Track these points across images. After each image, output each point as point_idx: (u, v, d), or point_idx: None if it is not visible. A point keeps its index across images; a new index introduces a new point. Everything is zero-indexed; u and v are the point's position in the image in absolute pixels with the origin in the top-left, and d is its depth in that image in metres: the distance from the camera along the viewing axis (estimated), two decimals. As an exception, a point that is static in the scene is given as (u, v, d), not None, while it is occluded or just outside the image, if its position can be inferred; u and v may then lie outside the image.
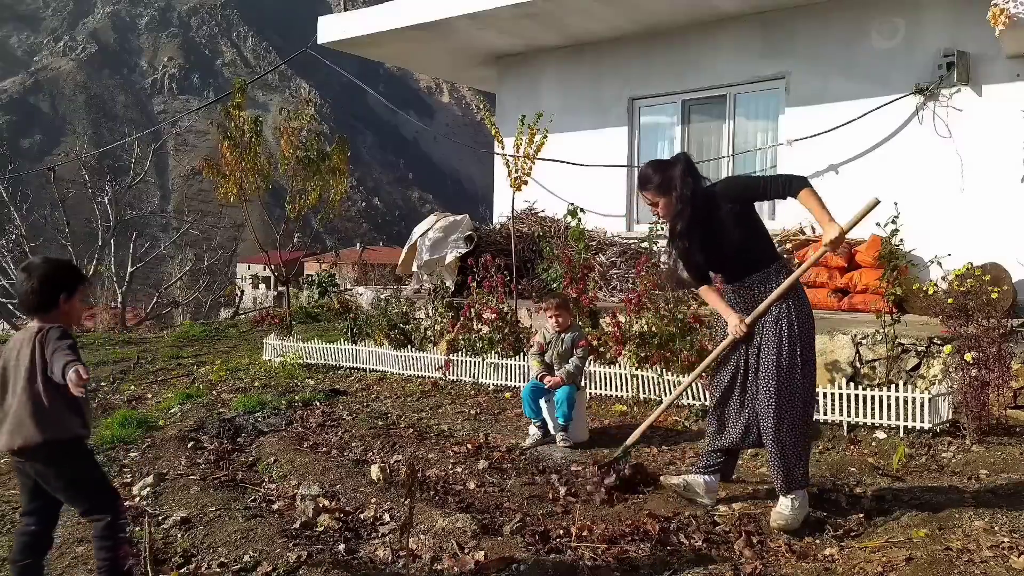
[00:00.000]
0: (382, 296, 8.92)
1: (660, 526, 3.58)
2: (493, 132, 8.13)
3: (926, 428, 4.84)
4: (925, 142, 7.52)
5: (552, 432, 5.10)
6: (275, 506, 4.07)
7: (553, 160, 8.84)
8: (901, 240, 5.89)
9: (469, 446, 4.99)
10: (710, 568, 3.22)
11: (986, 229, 7.04)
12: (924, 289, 5.86)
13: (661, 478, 4.09)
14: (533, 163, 7.42)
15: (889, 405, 4.97)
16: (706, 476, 3.91)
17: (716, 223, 3.66)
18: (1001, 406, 4.90)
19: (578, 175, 9.37)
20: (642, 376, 5.99)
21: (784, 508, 3.59)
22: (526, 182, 7.53)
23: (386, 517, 3.80)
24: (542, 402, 5.12)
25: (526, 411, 5.21)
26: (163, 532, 3.73)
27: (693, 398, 5.68)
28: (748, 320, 3.66)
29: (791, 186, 3.57)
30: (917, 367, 5.52)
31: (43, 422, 2.75)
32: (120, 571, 2.87)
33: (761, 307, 3.64)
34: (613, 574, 3.17)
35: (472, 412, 6.08)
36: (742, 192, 3.70)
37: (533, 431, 5.18)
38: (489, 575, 3.16)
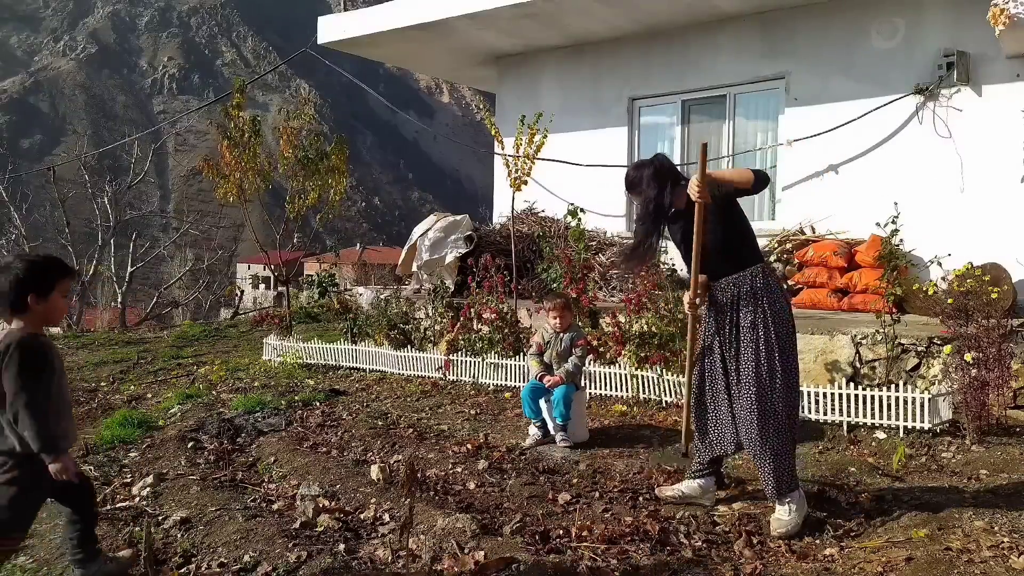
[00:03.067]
0: (382, 296, 8.92)
1: (660, 526, 3.58)
2: (493, 132, 8.13)
3: (926, 428, 4.84)
4: (925, 142, 7.53)
5: (552, 432, 5.10)
6: (275, 506, 4.07)
7: (553, 160, 8.85)
8: (901, 240, 5.89)
9: (469, 446, 4.99)
10: (710, 568, 3.22)
11: (986, 229, 7.05)
12: (924, 289, 5.87)
13: (656, 490, 4.06)
14: (533, 163, 7.42)
15: (889, 405, 4.97)
16: (699, 480, 3.91)
17: (692, 223, 3.59)
18: (1001, 406, 4.90)
19: (578, 175, 9.37)
20: (642, 376, 5.99)
21: (782, 515, 3.57)
22: (526, 182, 7.52)
23: (386, 517, 3.80)
24: (542, 402, 5.12)
25: (526, 411, 5.21)
26: (163, 532, 3.73)
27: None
28: (698, 292, 3.66)
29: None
30: (917, 367, 5.52)
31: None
32: None
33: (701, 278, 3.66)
34: (613, 574, 3.17)
35: (472, 412, 6.08)
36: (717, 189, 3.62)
37: (533, 431, 5.18)
38: (489, 575, 3.16)
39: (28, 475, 2.86)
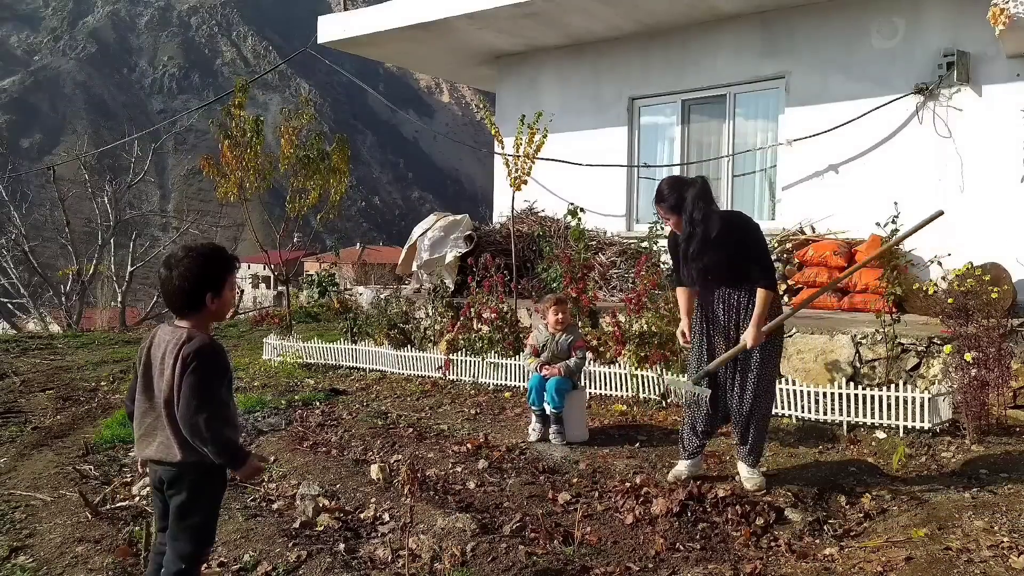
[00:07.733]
0: (382, 296, 8.92)
1: (660, 526, 3.58)
2: (493, 132, 8.12)
3: (926, 428, 4.84)
4: (925, 142, 7.52)
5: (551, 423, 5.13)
6: (275, 506, 4.07)
7: (553, 160, 8.84)
8: (901, 240, 5.88)
9: (469, 446, 4.99)
10: (710, 568, 3.22)
11: (986, 229, 7.04)
12: (924, 289, 5.87)
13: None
14: (533, 163, 7.42)
15: (889, 405, 4.97)
16: (696, 458, 4.37)
17: (721, 245, 3.96)
18: (1001, 406, 4.90)
19: (578, 175, 9.37)
20: (642, 376, 5.99)
21: (755, 475, 4.14)
22: (526, 182, 7.52)
23: (386, 517, 3.81)
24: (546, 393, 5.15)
25: (532, 400, 5.18)
26: (163, 532, 3.73)
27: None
28: (766, 329, 3.98)
29: (761, 281, 3.94)
30: (917, 367, 5.52)
31: (185, 445, 2.57)
32: None
33: (775, 322, 4.06)
34: (613, 574, 3.17)
35: (472, 412, 6.08)
36: (742, 248, 3.98)
37: (535, 425, 5.21)
38: (489, 575, 3.16)
39: (213, 483, 2.69)
